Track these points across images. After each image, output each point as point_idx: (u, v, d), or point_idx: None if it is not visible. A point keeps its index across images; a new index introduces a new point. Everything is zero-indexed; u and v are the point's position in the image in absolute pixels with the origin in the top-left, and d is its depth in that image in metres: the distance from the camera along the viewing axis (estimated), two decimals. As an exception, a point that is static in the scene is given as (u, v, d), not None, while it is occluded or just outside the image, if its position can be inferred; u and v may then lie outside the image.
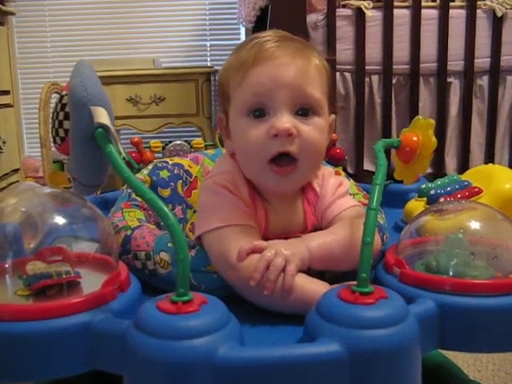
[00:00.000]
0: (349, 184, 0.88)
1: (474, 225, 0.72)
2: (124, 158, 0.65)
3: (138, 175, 1.00)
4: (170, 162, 1.04)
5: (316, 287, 0.67)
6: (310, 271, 0.70)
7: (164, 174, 1.00)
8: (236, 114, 0.76)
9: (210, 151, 1.11)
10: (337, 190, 0.82)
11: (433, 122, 0.88)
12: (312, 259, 0.70)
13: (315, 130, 0.74)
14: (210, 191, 0.77)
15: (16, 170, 2.76)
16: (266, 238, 0.74)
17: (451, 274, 0.65)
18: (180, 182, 1.01)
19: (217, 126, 0.85)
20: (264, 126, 0.73)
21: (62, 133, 0.78)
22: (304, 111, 0.74)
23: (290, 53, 0.74)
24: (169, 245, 0.75)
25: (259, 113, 0.74)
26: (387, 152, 0.85)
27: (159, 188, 0.98)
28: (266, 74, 0.73)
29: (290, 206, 0.80)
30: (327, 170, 0.86)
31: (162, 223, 0.90)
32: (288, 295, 0.66)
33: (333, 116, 0.81)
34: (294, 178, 0.76)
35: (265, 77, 0.73)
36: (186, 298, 0.55)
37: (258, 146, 0.73)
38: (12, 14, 2.96)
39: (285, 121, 0.72)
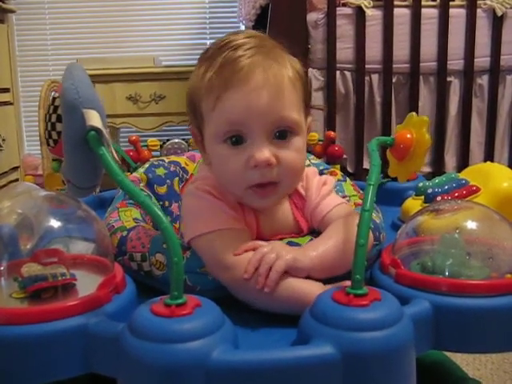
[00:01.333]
0: (333, 181, 0.88)
1: (470, 225, 0.72)
2: (119, 160, 0.65)
3: (135, 174, 1.01)
4: (167, 160, 1.04)
5: (309, 286, 0.67)
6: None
7: (160, 171, 1.01)
8: (212, 139, 0.75)
9: None
10: (321, 189, 0.82)
11: (427, 119, 0.87)
12: (313, 266, 0.69)
13: (294, 153, 0.73)
14: (193, 197, 0.77)
15: (16, 168, 2.76)
16: (259, 239, 0.74)
17: (446, 273, 0.65)
18: (176, 178, 1.02)
19: (192, 138, 0.83)
20: (242, 156, 0.72)
21: (54, 135, 0.78)
22: (282, 134, 0.73)
23: (263, 72, 0.71)
24: (164, 246, 0.74)
25: (236, 139, 0.72)
26: (383, 150, 0.85)
27: (155, 185, 0.98)
28: (239, 102, 0.70)
29: (278, 208, 0.80)
30: (310, 170, 0.86)
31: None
32: (269, 290, 0.66)
33: (309, 119, 0.80)
34: (274, 197, 0.76)
35: (238, 105, 0.70)
36: (179, 301, 0.55)
37: (237, 175, 0.72)
38: (12, 11, 2.96)
39: (264, 151, 0.70)
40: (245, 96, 0.70)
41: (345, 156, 2.22)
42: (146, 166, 1.03)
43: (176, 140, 1.33)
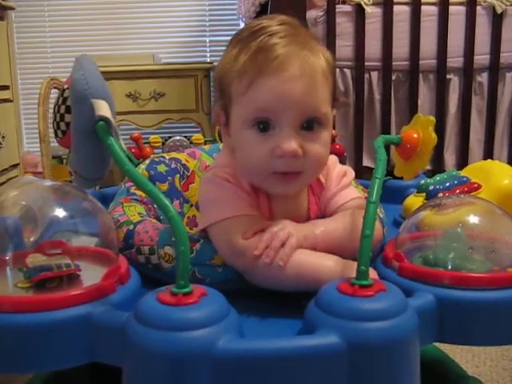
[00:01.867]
0: (353, 173, 0.88)
1: (473, 219, 0.72)
2: (126, 149, 0.65)
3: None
4: (167, 157, 1.04)
5: (322, 260, 0.68)
6: None
7: (161, 168, 1.01)
8: (239, 123, 0.74)
9: (207, 146, 1.12)
10: (341, 181, 0.83)
11: (433, 118, 0.88)
12: (317, 242, 0.71)
13: (321, 146, 0.73)
14: (211, 183, 0.77)
15: (15, 165, 2.76)
16: None
17: (448, 267, 0.66)
18: (177, 176, 1.02)
19: (214, 120, 0.84)
20: (269, 143, 0.71)
21: (63, 126, 0.78)
22: (310, 125, 0.72)
23: (298, 62, 0.70)
24: (173, 239, 0.74)
25: (264, 126, 0.72)
26: (387, 148, 0.86)
27: (157, 182, 0.98)
28: (272, 90, 0.70)
29: (294, 196, 0.80)
30: (332, 159, 0.85)
31: (162, 216, 0.90)
32: (284, 263, 0.67)
33: (333, 111, 0.80)
34: (297, 184, 0.76)
35: (271, 93, 0.70)
36: (186, 290, 0.55)
37: (261, 162, 0.72)
38: (12, 8, 2.95)
39: (291, 142, 0.70)
40: (278, 84, 0.70)
41: (345, 154, 2.22)
42: (147, 162, 1.03)
43: (178, 137, 1.34)
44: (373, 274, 0.67)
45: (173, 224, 0.57)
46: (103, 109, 0.66)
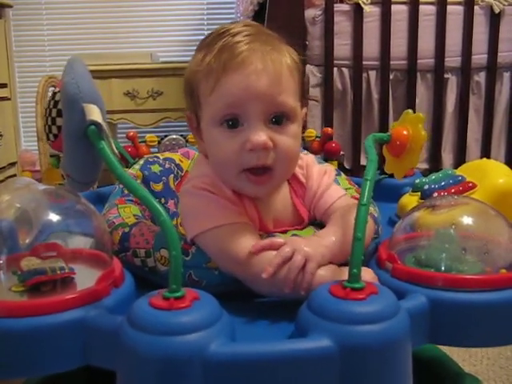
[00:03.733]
0: (334, 172, 0.88)
1: (466, 220, 0.72)
2: (118, 154, 0.65)
3: (130, 170, 1.01)
4: (161, 157, 1.04)
5: (325, 273, 0.67)
6: None
7: (155, 168, 1.01)
8: (208, 123, 0.75)
9: None
10: (323, 180, 0.83)
11: (422, 115, 0.88)
12: (332, 256, 0.70)
13: (290, 139, 0.74)
14: (190, 195, 0.77)
15: (13, 164, 2.76)
16: (263, 232, 0.75)
17: (440, 268, 0.66)
18: (172, 176, 1.02)
19: (188, 126, 0.83)
20: (239, 138, 0.72)
21: (54, 130, 0.78)
22: (278, 119, 0.73)
23: (261, 57, 0.71)
24: None
25: (232, 122, 0.72)
26: (379, 146, 0.86)
27: (151, 182, 0.98)
28: (237, 85, 0.71)
29: (278, 196, 0.80)
30: (310, 158, 0.86)
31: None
32: (305, 292, 0.65)
33: (304, 110, 0.80)
34: (269, 185, 0.76)
35: (237, 87, 0.71)
36: (178, 294, 0.55)
37: (232, 158, 0.72)
38: (9, 6, 2.94)
39: (260, 134, 0.71)
40: (243, 79, 0.70)
41: (342, 152, 2.22)
42: (141, 162, 1.03)
43: (174, 136, 1.34)
44: (369, 274, 0.67)
45: (164, 228, 0.57)
46: (94, 113, 0.66)
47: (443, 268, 0.66)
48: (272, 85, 0.71)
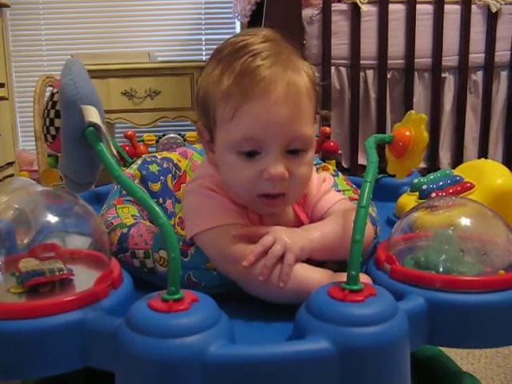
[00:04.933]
0: (332, 178, 0.88)
1: (464, 221, 0.72)
2: (116, 155, 0.65)
3: (128, 170, 1.00)
4: (159, 157, 1.04)
5: (320, 276, 0.68)
6: (310, 261, 0.71)
7: (154, 168, 1.00)
8: (225, 148, 0.73)
9: (199, 146, 1.11)
10: (322, 186, 0.83)
11: (425, 116, 0.88)
12: (313, 250, 0.70)
13: (305, 167, 0.73)
14: (195, 194, 0.77)
15: (11, 163, 2.76)
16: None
17: (439, 269, 0.66)
18: (170, 175, 1.01)
19: (198, 136, 0.82)
20: (255, 167, 0.71)
21: (53, 131, 0.78)
22: (295, 149, 0.72)
23: (283, 84, 0.69)
24: None
25: (250, 153, 0.71)
26: (381, 146, 0.86)
27: (149, 182, 0.98)
28: (259, 117, 0.69)
29: None
30: None
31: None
32: (284, 284, 0.66)
33: (315, 126, 0.79)
34: (283, 207, 0.76)
35: (258, 120, 0.69)
36: (176, 297, 0.55)
37: (248, 184, 0.72)
38: (6, 6, 2.94)
39: (278, 166, 0.70)
40: (264, 110, 0.69)
41: (340, 151, 2.23)
42: (139, 162, 1.02)
43: (172, 135, 1.33)
44: (363, 278, 0.67)
45: (163, 231, 0.57)
46: (92, 114, 0.66)
47: (444, 270, 0.66)
48: (292, 117, 0.70)
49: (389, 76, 2.29)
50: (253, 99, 0.69)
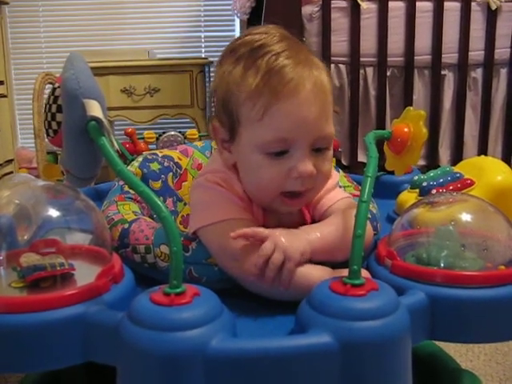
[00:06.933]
0: (338, 176, 0.88)
1: (465, 217, 0.73)
2: (117, 150, 0.65)
3: (129, 168, 1.00)
4: (160, 155, 1.04)
5: (321, 273, 0.68)
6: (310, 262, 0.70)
7: (154, 166, 1.00)
8: (250, 148, 0.72)
9: (200, 143, 1.11)
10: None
11: (424, 113, 0.88)
12: (313, 252, 0.70)
13: (327, 163, 0.74)
14: (202, 188, 0.77)
15: (10, 161, 2.76)
16: None
17: (441, 265, 0.66)
18: (170, 174, 1.01)
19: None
20: (284, 166, 0.71)
21: (54, 125, 0.78)
22: (320, 146, 0.73)
23: (312, 84, 0.70)
24: None
25: (279, 152, 0.71)
26: (380, 143, 0.86)
27: (150, 180, 0.98)
28: (290, 117, 0.69)
29: None
30: None
31: (155, 215, 0.90)
32: (286, 288, 0.66)
33: None
34: (302, 203, 0.77)
35: (289, 120, 0.69)
36: (178, 290, 0.55)
37: (273, 183, 0.72)
38: (5, 3, 2.94)
39: (307, 164, 0.70)
40: (295, 109, 0.69)
41: (340, 149, 2.23)
42: (140, 160, 1.02)
43: (172, 132, 1.33)
44: (364, 274, 0.67)
45: (165, 224, 0.57)
46: (95, 109, 0.66)
47: (445, 265, 0.66)
48: (320, 116, 0.71)
49: (388, 73, 2.29)
50: (283, 98, 0.69)
